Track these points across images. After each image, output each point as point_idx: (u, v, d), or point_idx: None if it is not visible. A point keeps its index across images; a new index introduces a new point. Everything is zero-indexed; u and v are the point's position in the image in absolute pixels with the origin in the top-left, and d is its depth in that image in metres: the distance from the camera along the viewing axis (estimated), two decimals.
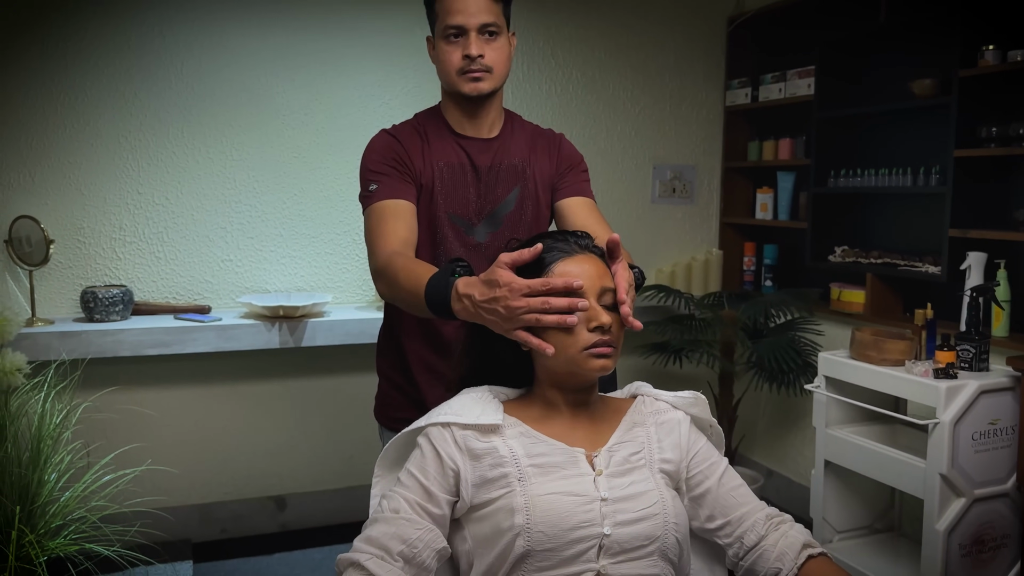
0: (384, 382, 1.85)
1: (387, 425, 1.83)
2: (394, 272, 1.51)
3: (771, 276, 3.65)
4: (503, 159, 1.76)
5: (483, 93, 1.69)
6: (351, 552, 1.20)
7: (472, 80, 1.67)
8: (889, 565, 2.69)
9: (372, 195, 1.68)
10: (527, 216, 1.77)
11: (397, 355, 1.80)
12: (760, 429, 3.76)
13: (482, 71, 1.67)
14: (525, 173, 1.77)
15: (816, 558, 1.27)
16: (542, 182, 1.79)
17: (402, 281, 1.46)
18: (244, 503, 3.21)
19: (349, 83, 3.22)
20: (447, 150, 1.73)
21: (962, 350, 2.46)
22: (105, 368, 2.88)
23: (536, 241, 1.33)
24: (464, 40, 1.66)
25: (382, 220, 1.64)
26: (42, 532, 2.32)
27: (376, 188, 1.68)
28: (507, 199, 1.75)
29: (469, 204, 1.73)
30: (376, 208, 1.67)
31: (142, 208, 3.03)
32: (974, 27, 2.68)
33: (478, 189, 1.73)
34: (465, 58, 1.66)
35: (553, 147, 1.83)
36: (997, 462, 2.40)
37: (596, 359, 1.25)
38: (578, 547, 1.19)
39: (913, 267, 2.93)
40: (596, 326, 1.24)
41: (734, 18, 3.73)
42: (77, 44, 2.90)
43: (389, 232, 1.62)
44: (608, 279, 1.29)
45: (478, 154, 1.74)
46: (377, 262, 1.60)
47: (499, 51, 1.69)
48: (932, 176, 2.88)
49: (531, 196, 1.77)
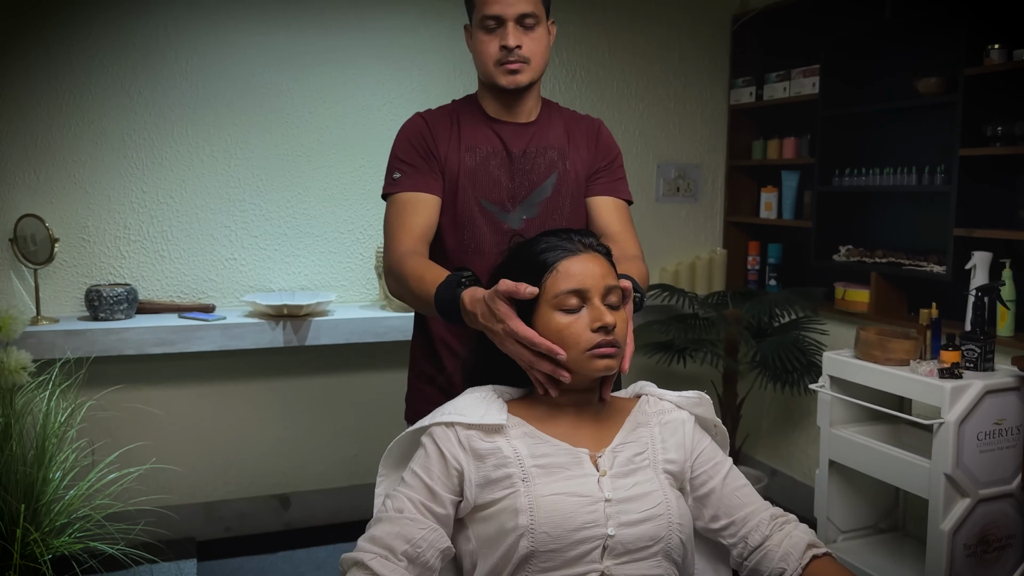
0: (416, 380, 1.81)
1: None
2: (404, 275, 1.54)
3: (775, 275, 3.65)
4: (539, 144, 1.73)
5: (520, 86, 1.66)
6: (355, 551, 1.20)
7: (509, 72, 1.65)
8: (893, 565, 2.69)
9: (395, 184, 1.68)
10: (564, 204, 1.74)
11: (429, 347, 1.78)
12: (764, 428, 3.75)
13: (520, 62, 1.64)
14: (564, 159, 1.74)
15: (820, 558, 1.27)
16: (580, 170, 1.76)
17: (412, 286, 1.51)
18: (248, 501, 3.21)
19: (354, 82, 3.22)
20: (479, 135, 1.71)
21: (967, 350, 2.45)
22: (110, 366, 2.88)
23: (542, 240, 1.33)
24: (502, 31, 1.63)
25: (402, 213, 1.66)
26: (47, 530, 2.33)
27: (400, 177, 1.68)
28: (543, 185, 1.72)
29: (502, 189, 1.70)
30: (397, 199, 1.68)
31: (147, 207, 3.03)
32: (979, 26, 2.67)
33: (511, 174, 1.71)
34: (502, 49, 1.63)
35: (592, 135, 1.80)
36: (1002, 462, 2.40)
37: (600, 359, 1.25)
38: (582, 548, 1.19)
39: (918, 266, 2.92)
40: (600, 326, 1.24)
41: (738, 17, 3.72)
42: (82, 43, 2.90)
43: (406, 227, 1.64)
44: (612, 278, 1.29)
45: (512, 139, 1.72)
46: (390, 260, 1.62)
47: (537, 41, 1.66)
48: (937, 175, 2.88)
49: (569, 184, 1.74)
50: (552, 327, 1.26)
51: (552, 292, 1.26)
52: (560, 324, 1.25)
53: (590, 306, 1.26)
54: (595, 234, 1.37)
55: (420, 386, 1.81)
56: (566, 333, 1.25)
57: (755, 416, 3.72)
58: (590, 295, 1.26)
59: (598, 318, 1.24)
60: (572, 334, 1.25)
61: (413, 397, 1.84)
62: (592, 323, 1.24)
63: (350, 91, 3.22)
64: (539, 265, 1.29)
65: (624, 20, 3.61)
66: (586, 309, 1.26)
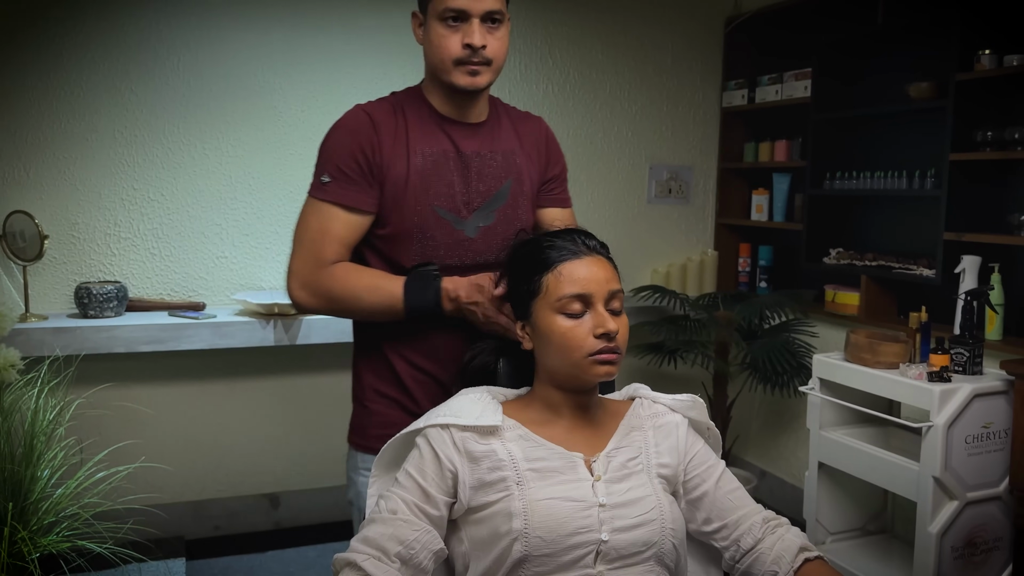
0: (371, 402, 1.60)
1: (371, 449, 1.54)
2: (345, 286, 1.47)
3: (766, 277, 3.66)
4: (491, 146, 1.59)
5: (479, 88, 1.52)
6: (348, 552, 1.20)
7: (470, 74, 1.49)
8: (882, 567, 2.70)
9: (324, 189, 1.52)
10: (520, 212, 1.62)
11: (387, 369, 1.59)
12: (754, 430, 3.77)
13: (482, 64, 1.49)
14: (516, 164, 1.61)
15: (812, 561, 1.27)
16: (534, 176, 1.65)
17: (361, 294, 1.47)
18: (238, 500, 3.20)
19: (346, 80, 3.21)
20: (428, 136, 1.55)
21: (956, 353, 2.47)
22: (99, 364, 2.86)
23: (544, 239, 1.33)
24: (466, 27, 1.47)
25: (328, 222, 1.50)
26: (35, 529, 2.31)
27: (330, 184, 1.51)
28: (499, 191, 1.59)
29: (455, 195, 1.54)
30: (324, 209, 1.51)
31: (137, 204, 3.01)
32: (971, 31, 2.68)
33: (465, 178, 1.55)
34: (466, 47, 1.47)
35: (540, 139, 1.68)
36: (990, 465, 2.41)
37: (601, 366, 1.25)
38: (575, 552, 1.19)
39: (908, 270, 2.93)
40: (603, 333, 1.24)
41: (732, 19, 3.73)
42: (74, 39, 2.88)
43: (331, 238, 1.50)
44: (615, 282, 1.30)
45: (463, 140, 1.57)
46: (312, 272, 1.49)
47: (501, 41, 1.52)
48: (928, 179, 2.89)
49: (524, 190, 1.63)
50: (555, 330, 1.26)
51: (555, 295, 1.27)
52: (563, 328, 1.25)
53: (593, 312, 1.26)
54: (595, 236, 1.36)
55: (381, 410, 1.59)
56: (569, 337, 1.25)
57: (745, 418, 3.73)
58: (594, 300, 1.26)
59: (601, 324, 1.24)
60: (575, 339, 1.25)
61: (372, 420, 1.61)
62: (595, 329, 1.25)
63: (341, 89, 3.20)
64: (541, 263, 1.29)
65: (617, 22, 3.62)
66: (589, 314, 1.26)
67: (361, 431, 1.61)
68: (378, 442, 1.43)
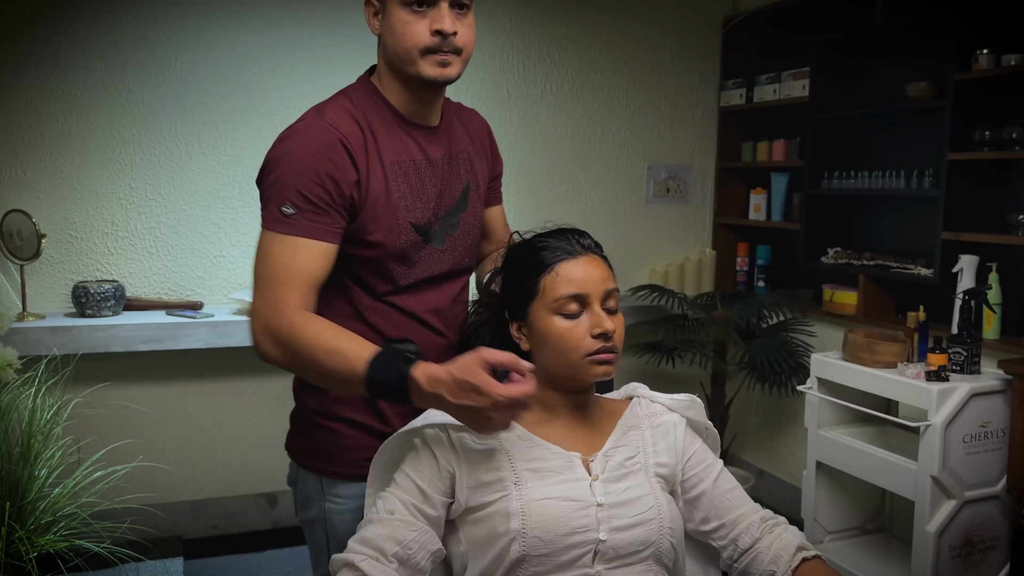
0: (335, 423, 1.43)
1: (349, 475, 1.42)
2: (304, 343, 1.24)
3: (764, 277, 3.66)
4: (451, 148, 1.46)
5: (450, 80, 1.36)
6: (346, 552, 1.20)
7: (440, 64, 1.34)
8: (880, 566, 2.70)
9: (287, 222, 1.30)
10: (478, 215, 1.51)
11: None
12: (752, 429, 3.77)
13: (452, 53, 1.34)
14: (472, 165, 1.50)
15: (810, 561, 1.27)
16: (484, 177, 1.54)
17: (319, 357, 1.23)
18: (236, 500, 3.20)
19: (343, 79, 3.15)
20: (397, 145, 1.39)
21: (954, 353, 2.47)
22: (97, 364, 2.86)
23: (538, 240, 1.32)
24: (434, 12, 1.32)
25: (292, 257, 1.29)
26: (32, 528, 2.31)
27: (294, 215, 1.29)
28: (460, 196, 1.46)
29: (428, 208, 1.40)
30: (285, 241, 1.29)
31: (135, 203, 3.01)
32: (969, 31, 2.68)
33: (437, 188, 1.42)
34: (435, 34, 1.32)
35: (485, 137, 1.57)
36: (988, 464, 2.42)
37: (598, 365, 1.25)
38: (573, 552, 1.19)
39: (906, 269, 2.94)
40: (600, 333, 1.24)
41: (730, 19, 3.73)
42: (71, 38, 2.88)
43: (296, 278, 1.29)
44: (611, 282, 1.29)
45: (428, 145, 1.42)
46: (275, 318, 1.27)
47: (470, 29, 1.37)
48: (926, 179, 2.89)
49: (479, 191, 1.51)
50: (552, 331, 1.26)
51: (552, 296, 1.26)
52: (560, 328, 1.25)
53: (590, 312, 1.26)
54: (589, 234, 1.36)
55: (349, 432, 1.43)
56: (566, 337, 1.25)
57: (743, 417, 3.73)
58: (590, 300, 1.26)
59: (598, 324, 1.24)
60: (572, 339, 1.25)
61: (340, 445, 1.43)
62: (592, 329, 1.25)
63: (338, 88, 3.19)
64: (537, 265, 1.29)
65: (616, 21, 3.62)
66: (586, 314, 1.26)
67: (325, 455, 1.43)
68: (348, 468, 1.39)
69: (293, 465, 1.50)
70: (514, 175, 3.46)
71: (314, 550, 1.48)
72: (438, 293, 1.45)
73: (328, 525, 1.43)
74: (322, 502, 1.44)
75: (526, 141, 3.51)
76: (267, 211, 1.32)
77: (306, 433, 1.47)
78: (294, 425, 1.52)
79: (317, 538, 1.46)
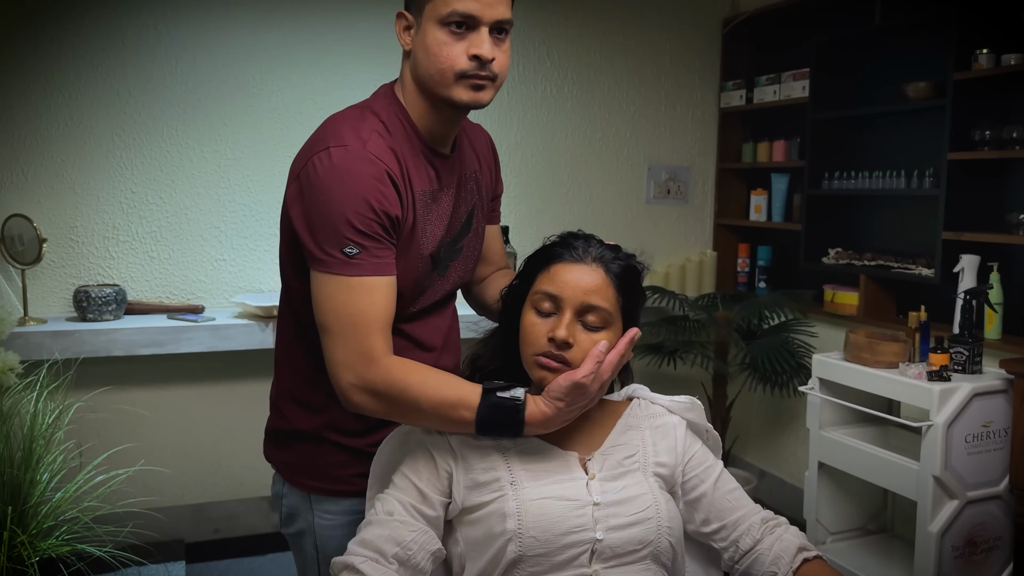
0: (327, 446, 1.41)
1: (339, 492, 1.41)
2: (405, 394, 1.22)
3: (765, 277, 3.66)
4: (462, 171, 1.43)
5: (482, 105, 1.31)
6: (346, 555, 1.20)
7: (474, 88, 1.28)
8: (882, 566, 2.70)
9: (353, 263, 1.23)
10: (480, 237, 1.48)
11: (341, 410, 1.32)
12: (753, 430, 3.76)
13: (488, 79, 1.29)
14: (480, 188, 1.47)
15: (811, 561, 1.27)
16: (487, 198, 1.52)
17: (427, 409, 1.22)
18: (237, 503, 3.20)
19: (344, 82, 3.21)
20: (422, 174, 1.34)
21: (955, 352, 2.47)
22: (98, 368, 2.86)
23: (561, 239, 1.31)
24: (474, 36, 1.26)
25: (369, 301, 1.24)
26: (34, 532, 2.31)
27: (358, 254, 1.23)
28: (464, 221, 1.44)
29: (439, 236, 1.38)
30: (359, 285, 1.23)
31: (136, 207, 3.01)
32: (969, 30, 2.68)
33: (448, 216, 1.39)
34: (473, 59, 1.26)
35: (490, 156, 1.54)
36: (990, 464, 2.41)
37: (540, 369, 1.24)
38: (570, 552, 1.19)
39: (907, 269, 2.93)
40: (551, 338, 1.23)
41: (729, 19, 3.74)
42: (72, 41, 2.88)
43: (379, 323, 1.24)
44: (597, 297, 1.24)
45: (444, 172, 1.38)
46: (373, 372, 1.22)
47: (506, 55, 1.32)
48: (926, 178, 2.89)
49: (482, 213, 1.49)
50: (524, 321, 1.27)
51: (534, 289, 1.27)
52: (528, 322, 1.26)
53: (559, 316, 1.24)
54: (616, 247, 1.31)
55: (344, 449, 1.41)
56: (528, 332, 1.25)
57: (745, 418, 3.73)
58: (564, 305, 1.24)
59: (554, 329, 1.23)
60: (531, 335, 1.25)
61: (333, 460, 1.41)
62: (549, 331, 1.24)
63: (340, 91, 3.20)
64: (539, 259, 1.30)
65: (616, 22, 3.62)
66: (555, 317, 1.25)
67: (314, 472, 1.41)
68: (338, 484, 1.38)
69: (278, 478, 1.49)
70: (515, 178, 3.46)
71: (301, 563, 1.48)
72: (439, 318, 1.46)
73: (318, 539, 1.42)
74: (310, 517, 1.43)
75: (526, 143, 3.51)
76: (325, 254, 1.24)
77: (293, 450, 1.44)
78: (276, 440, 1.49)
79: (306, 551, 1.45)
